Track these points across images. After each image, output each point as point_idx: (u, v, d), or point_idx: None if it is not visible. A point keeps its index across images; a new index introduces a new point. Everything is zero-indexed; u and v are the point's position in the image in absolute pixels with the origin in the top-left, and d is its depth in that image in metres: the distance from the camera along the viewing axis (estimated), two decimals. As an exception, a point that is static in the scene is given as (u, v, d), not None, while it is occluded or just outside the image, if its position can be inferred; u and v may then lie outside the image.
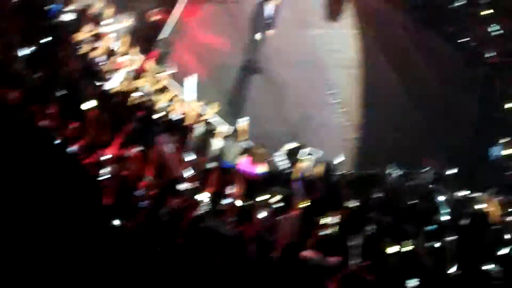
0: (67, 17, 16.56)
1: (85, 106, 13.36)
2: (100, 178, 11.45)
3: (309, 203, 12.99)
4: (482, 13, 20.18)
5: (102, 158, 12.06)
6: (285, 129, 16.79)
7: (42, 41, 15.24)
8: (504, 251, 12.86)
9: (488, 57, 19.56)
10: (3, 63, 13.82)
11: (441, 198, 13.61)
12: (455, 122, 18.10)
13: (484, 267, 12.42)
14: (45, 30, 15.55)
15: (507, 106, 18.61)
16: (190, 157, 13.19)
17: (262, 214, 12.11)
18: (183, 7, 18.72)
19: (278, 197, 13.13)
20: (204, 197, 11.96)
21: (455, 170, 15.92)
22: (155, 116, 14.40)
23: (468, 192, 14.75)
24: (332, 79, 18.17)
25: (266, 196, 12.79)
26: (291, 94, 17.63)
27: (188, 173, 12.79)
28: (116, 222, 11.18)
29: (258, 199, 12.68)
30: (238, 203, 12.50)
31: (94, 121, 13.19)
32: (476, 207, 13.69)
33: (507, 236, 13.18)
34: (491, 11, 20.28)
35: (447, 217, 12.96)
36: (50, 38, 15.16)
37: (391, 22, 20.00)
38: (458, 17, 20.57)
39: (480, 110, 18.70)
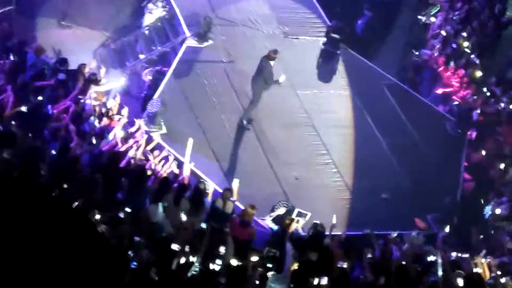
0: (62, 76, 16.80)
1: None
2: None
3: (301, 264, 13.05)
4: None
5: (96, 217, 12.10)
6: (277, 189, 16.83)
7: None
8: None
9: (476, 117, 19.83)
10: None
11: (433, 259, 13.70)
12: (444, 183, 18.22)
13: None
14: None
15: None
16: (184, 217, 13.24)
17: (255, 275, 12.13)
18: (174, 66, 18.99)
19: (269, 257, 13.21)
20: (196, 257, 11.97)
21: (446, 231, 16.04)
22: (147, 175, 14.46)
23: (459, 253, 14.86)
24: (323, 139, 18.29)
25: (257, 257, 12.83)
26: (282, 154, 17.72)
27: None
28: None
29: (251, 259, 12.71)
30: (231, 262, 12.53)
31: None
32: (467, 268, 13.78)
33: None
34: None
35: (439, 278, 13.01)
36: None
37: (379, 84, 20.28)
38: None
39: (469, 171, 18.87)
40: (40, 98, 15.67)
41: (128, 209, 12.79)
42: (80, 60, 18.41)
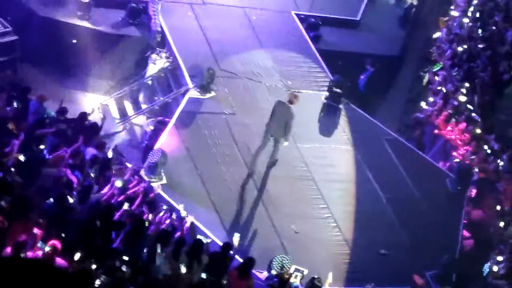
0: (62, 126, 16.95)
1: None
2: None
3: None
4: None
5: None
6: (275, 242, 16.79)
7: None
8: None
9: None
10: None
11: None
12: (443, 240, 18.17)
13: None
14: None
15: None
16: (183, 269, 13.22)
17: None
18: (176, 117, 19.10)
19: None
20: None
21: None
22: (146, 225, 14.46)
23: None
24: (323, 193, 18.30)
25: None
26: (282, 206, 17.71)
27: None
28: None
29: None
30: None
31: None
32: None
33: None
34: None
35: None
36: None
37: (380, 139, 20.35)
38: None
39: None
40: (42, 146, 15.78)
41: (125, 258, 12.77)
42: (82, 109, 18.60)
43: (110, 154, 16.74)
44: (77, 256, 12.30)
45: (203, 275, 13.26)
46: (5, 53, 20.32)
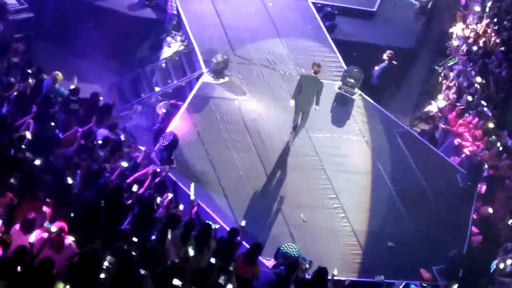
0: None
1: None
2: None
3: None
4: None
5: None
6: (284, 230, 16.79)
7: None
8: None
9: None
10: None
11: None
12: (451, 235, 18.14)
13: None
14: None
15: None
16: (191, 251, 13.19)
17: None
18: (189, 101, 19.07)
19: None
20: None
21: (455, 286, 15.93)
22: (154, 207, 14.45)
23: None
24: (333, 183, 18.26)
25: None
26: (291, 195, 17.70)
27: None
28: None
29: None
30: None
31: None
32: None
33: None
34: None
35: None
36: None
37: (392, 131, 20.30)
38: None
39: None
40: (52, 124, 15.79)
41: (135, 239, 12.77)
42: (95, 88, 18.59)
43: (122, 137, 16.67)
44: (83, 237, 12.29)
45: (212, 260, 13.23)
46: (21, 30, 20.30)
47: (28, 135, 14.69)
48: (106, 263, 11.48)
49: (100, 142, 15.89)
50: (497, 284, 17.10)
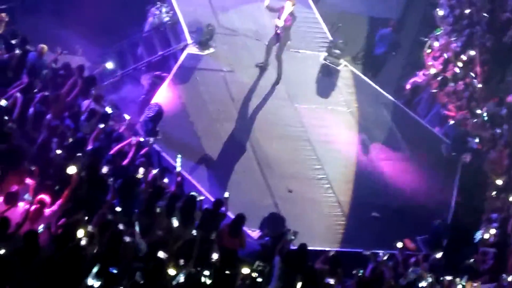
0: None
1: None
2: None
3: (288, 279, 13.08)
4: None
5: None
6: (269, 201, 16.84)
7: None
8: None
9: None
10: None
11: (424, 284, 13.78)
12: (436, 205, 18.24)
13: None
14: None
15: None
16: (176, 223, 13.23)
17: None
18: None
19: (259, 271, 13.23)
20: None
21: (439, 254, 16.03)
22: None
23: (447, 277, 14.89)
24: (318, 154, 18.31)
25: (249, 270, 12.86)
26: (276, 166, 17.74)
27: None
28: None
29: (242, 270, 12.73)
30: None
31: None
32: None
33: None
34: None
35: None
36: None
37: (377, 102, 20.33)
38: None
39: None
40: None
41: (118, 209, 12.79)
42: (80, 61, 18.49)
43: (109, 110, 16.52)
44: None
45: (194, 232, 13.28)
46: (5, 1, 20.14)
47: (3, 102, 14.59)
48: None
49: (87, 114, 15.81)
50: (479, 253, 17.23)
